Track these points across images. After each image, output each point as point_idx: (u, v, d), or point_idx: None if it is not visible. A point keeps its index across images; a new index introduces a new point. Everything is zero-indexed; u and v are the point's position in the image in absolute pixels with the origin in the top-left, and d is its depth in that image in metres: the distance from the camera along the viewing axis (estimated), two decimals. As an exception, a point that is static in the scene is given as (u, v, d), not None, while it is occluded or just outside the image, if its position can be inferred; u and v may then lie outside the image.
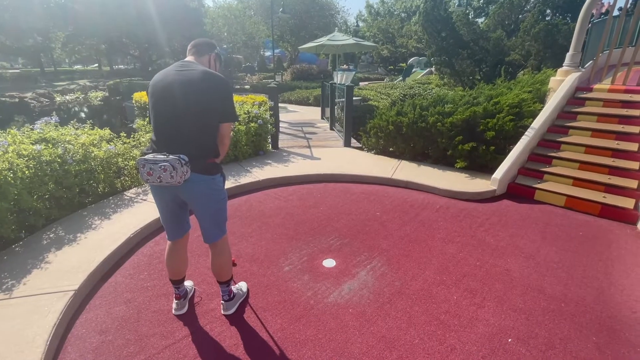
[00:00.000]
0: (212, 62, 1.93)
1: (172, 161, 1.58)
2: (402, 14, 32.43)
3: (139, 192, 3.87)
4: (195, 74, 1.69)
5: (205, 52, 1.89)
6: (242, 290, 2.34)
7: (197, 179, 1.71)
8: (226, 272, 2.06)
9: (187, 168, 1.64)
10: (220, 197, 1.89)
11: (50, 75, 27.73)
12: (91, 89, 22.22)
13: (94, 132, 4.05)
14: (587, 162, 3.91)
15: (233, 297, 2.19)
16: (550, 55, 11.24)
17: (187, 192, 1.77)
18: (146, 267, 2.66)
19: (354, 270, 2.64)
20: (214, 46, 1.95)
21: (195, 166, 1.69)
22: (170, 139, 1.71)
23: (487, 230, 3.27)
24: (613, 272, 2.62)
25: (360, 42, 11.04)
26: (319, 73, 20.27)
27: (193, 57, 1.85)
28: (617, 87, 4.45)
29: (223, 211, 1.94)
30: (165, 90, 1.69)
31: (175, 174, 1.58)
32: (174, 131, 1.70)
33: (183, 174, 1.61)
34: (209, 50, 1.90)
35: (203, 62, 1.87)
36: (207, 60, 1.89)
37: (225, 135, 1.82)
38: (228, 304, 2.17)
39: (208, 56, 1.90)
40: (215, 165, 1.80)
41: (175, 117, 1.68)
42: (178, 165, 1.58)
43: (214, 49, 1.94)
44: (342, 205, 3.82)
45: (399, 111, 5.30)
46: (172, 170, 1.57)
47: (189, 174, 1.66)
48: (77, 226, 3.09)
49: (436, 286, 2.46)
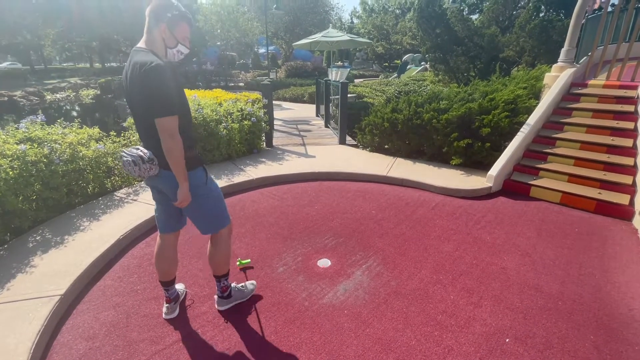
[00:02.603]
0: (166, 33, 1.54)
1: (135, 157, 1.56)
2: (396, 10, 32.36)
3: (129, 192, 3.79)
4: (132, 66, 1.49)
5: (154, 26, 1.53)
6: (245, 290, 2.24)
7: (166, 174, 1.64)
8: (220, 267, 2.02)
9: (151, 165, 1.58)
10: (198, 192, 1.74)
11: (40, 73, 27.22)
12: (82, 87, 21.86)
13: (83, 131, 3.95)
14: (583, 159, 3.90)
15: (228, 296, 2.14)
16: (544, 51, 11.26)
17: (162, 186, 1.72)
18: (136, 269, 2.59)
19: (349, 270, 2.60)
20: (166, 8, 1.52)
21: (162, 162, 1.61)
22: (140, 133, 1.69)
23: (483, 228, 3.25)
24: (609, 269, 2.61)
25: (355, 38, 10.97)
26: (313, 70, 20.13)
27: (144, 37, 1.57)
28: (612, 82, 4.45)
29: (208, 206, 1.82)
30: (124, 82, 1.61)
31: (137, 169, 1.57)
32: (139, 126, 1.67)
33: (147, 170, 1.58)
34: (157, 19, 1.52)
35: (155, 40, 1.55)
36: (160, 35, 1.55)
37: (163, 133, 1.50)
38: (220, 300, 2.14)
39: (157, 30, 1.54)
40: (187, 161, 1.63)
41: (135, 111, 1.63)
42: (140, 162, 1.56)
43: (166, 12, 1.52)
44: (337, 203, 3.77)
45: (394, 108, 5.25)
46: (134, 165, 1.56)
47: (156, 170, 1.61)
48: (65, 228, 3.00)
49: (432, 285, 2.42)
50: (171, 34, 1.57)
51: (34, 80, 22.76)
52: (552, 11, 13.59)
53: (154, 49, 1.57)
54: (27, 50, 26.32)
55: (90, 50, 27.08)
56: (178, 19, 1.56)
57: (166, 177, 1.64)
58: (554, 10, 13.58)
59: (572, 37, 4.74)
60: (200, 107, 4.81)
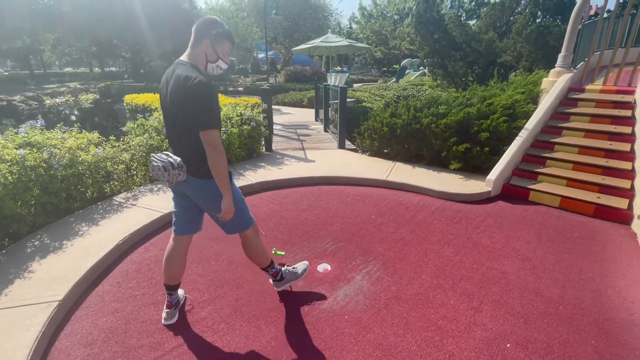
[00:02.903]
0: (209, 49, 1.65)
1: (165, 163, 1.65)
2: (394, 16, 32.60)
3: (128, 197, 3.78)
4: (175, 78, 1.57)
5: (198, 41, 1.63)
6: (298, 272, 2.35)
7: (193, 182, 1.73)
8: (260, 262, 2.16)
9: (180, 171, 1.67)
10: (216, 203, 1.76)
11: (39, 78, 27.27)
12: (82, 92, 21.89)
13: (82, 135, 3.95)
14: (581, 163, 3.91)
15: (281, 279, 2.28)
16: (541, 56, 11.36)
17: (189, 192, 1.81)
18: (135, 274, 2.58)
19: (350, 275, 2.59)
20: (211, 26, 1.64)
21: (190, 169, 1.70)
22: (171, 140, 1.77)
23: (483, 232, 3.25)
24: (609, 274, 2.61)
25: (354, 43, 11.04)
26: (312, 75, 20.24)
27: (188, 51, 1.67)
28: (609, 87, 4.48)
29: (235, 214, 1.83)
30: (162, 91, 1.71)
31: (167, 175, 1.65)
32: (172, 133, 1.74)
33: (175, 176, 1.66)
34: (202, 35, 1.63)
35: (197, 54, 1.65)
36: (202, 50, 1.65)
37: (208, 145, 1.57)
38: (275, 283, 2.30)
39: (201, 46, 1.64)
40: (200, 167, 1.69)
41: (170, 120, 1.71)
42: (169, 168, 1.64)
43: (211, 29, 1.63)
44: (336, 208, 3.77)
45: (393, 113, 5.28)
46: (164, 171, 1.64)
47: (184, 177, 1.70)
48: (64, 233, 2.99)
49: (433, 290, 2.42)
50: (214, 50, 1.68)
51: (33, 85, 22.79)
52: (549, 17, 13.73)
53: (196, 62, 1.66)
54: (27, 55, 26.40)
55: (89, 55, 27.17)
56: (222, 37, 1.68)
57: (193, 183, 1.73)
58: (550, 16, 13.73)
59: (569, 43, 4.78)
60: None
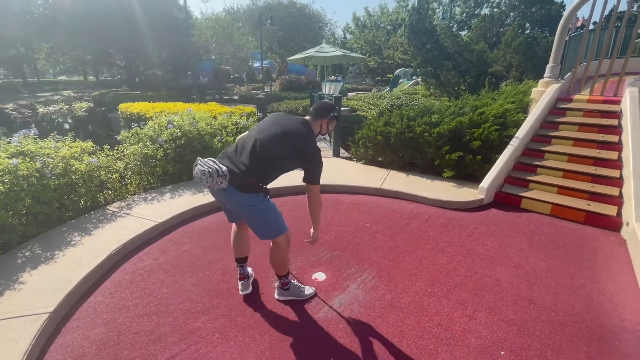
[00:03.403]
0: (324, 125, 2.15)
1: (212, 169, 1.81)
2: (388, 26, 33.20)
3: (122, 206, 3.75)
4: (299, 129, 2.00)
5: (319, 118, 2.11)
6: (303, 292, 2.41)
7: (232, 192, 1.91)
8: (278, 269, 2.25)
9: (223, 179, 1.82)
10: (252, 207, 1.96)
11: (33, 86, 27.07)
12: (76, 100, 21.76)
13: (76, 144, 3.93)
14: (571, 171, 3.99)
15: (287, 289, 2.35)
16: (530, 66, 11.62)
17: (225, 199, 1.99)
18: (128, 285, 2.55)
19: (345, 284, 2.59)
20: (330, 110, 2.13)
21: (236, 181, 1.88)
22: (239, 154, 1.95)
23: (476, 240, 3.28)
24: (600, 280, 2.64)
25: (348, 53, 11.21)
26: (307, 84, 20.41)
27: (310, 118, 2.11)
28: (596, 97, 4.61)
29: (263, 222, 2.04)
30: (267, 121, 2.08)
31: (210, 180, 1.80)
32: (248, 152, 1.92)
33: (217, 183, 1.83)
34: (324, 115, 2.11)
35: (315, 125, 2.12)
36: (319, 124, 2.12)
37: (314, 195, 2.07)
38: (279, 291, 2.38)
39: (321, 121, 2.12)
40: (253, 186, 1.93)
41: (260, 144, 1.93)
42: (215, 174, 1.81)
43: (329, 113, 2.12)
44: (331, 216, 3.78)
45: (387, 121, 5.34)
46: (209, 176, 1.80)
47: (225, 185, 1.85)
48: (55, 243, 2.95)
49: (427, 298, 2.43)
50: (327, 127, 2.16)
51: (27, 93, 22.62)
52: (537, 29, 14.12)
53: (313, 129, 2.10)
54: (21, 63, 26.26)
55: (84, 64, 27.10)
56: (334, 120, 2.17)
57: (232, 193, 1.91)
58: (538, 28, 14.12)
59: (556, 54, 4.92)
60: (195, 120, 4.84)
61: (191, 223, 3.59)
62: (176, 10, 19.84)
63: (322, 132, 2.16)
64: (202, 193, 4.15)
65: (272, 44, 27.17)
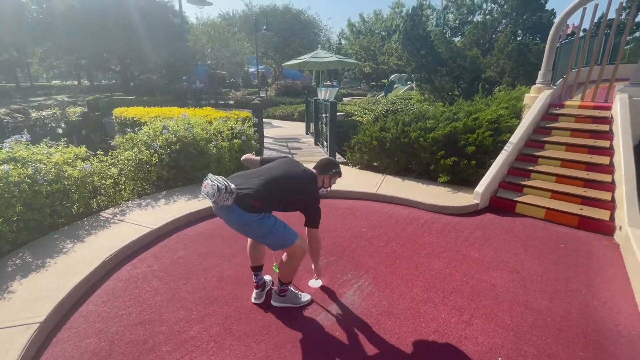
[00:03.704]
0: (327, 180, 2.30)
1: (222, 184, 1.86)
2: (382, 32, 33.55)
3: (115, 213, 3.71)
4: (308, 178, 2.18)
5: (323, 173, 2.27)
6: (299, 300, 2.40)
7: (235, 209, 1.93)
8: (285, 276, 2.28)
9: (230, 196, 1.88)
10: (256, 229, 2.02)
11: (26, 91, 26.81)
12: (69, 105, 21.58)
13: (69, 150, 3.89)
14: (564, 176, 4.04)
15: (284, 296, 2.35)
16: (523, 72, 11.80)
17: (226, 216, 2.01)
18: (122, 293, 2.51)
19: (341, 290, 2.58)
20: (332, 167, 2.30)
21: (241, 200, 1.92)
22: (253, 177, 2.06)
23: (472, 245, 3.29)
24: (595, 284, 2.66)
25: (343, 59, 11.29)
26: (303, 89, 20.48)
27: (316, 172, 2.26)
28: (587, 103, 4.68)
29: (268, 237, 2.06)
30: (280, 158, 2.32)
31: (218, 195, 1.84)
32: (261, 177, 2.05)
33: (224, 199, 1.87)
34: (327, 170, 2.29)
35: (319, 180, 2.26)
36: (322, 179, 2.27)
37: (314, 239, 2.23)
38: (275, 296, 2.37)
39: (324, 176, 2.27)
40: (256, 208, 1.96)
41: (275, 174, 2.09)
42: (223, 190, 1.86)
43: (332, 169, 2.29)
44: (327, 221, 3.76)
45: (382, 127, 5.37)
46: (217, 191, 1.84)
47: (230, 202, 1.90)
48: (47, 250, 2.90)
49: (424, 304, 2.42)
50: (329, 181, 2.30)
51: (19, 98, 22.39)
52: (528, 35, 14.37)
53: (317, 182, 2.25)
54: (14, 67, 26.02)
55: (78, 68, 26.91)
56: (337, 175, 2.33)
57: (234, 211, 1.94)
58: (529, 35, 14.37)
59: (547, 61, 5.00)
60: (190, 126, 4.82)
61: (186, 229, 3.55)
62: (172, 16, 19.84)
63: (325, 185, 2.30)
64: (197, 199, 4.12)
65: (268, 50, 27.28)
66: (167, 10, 19.90)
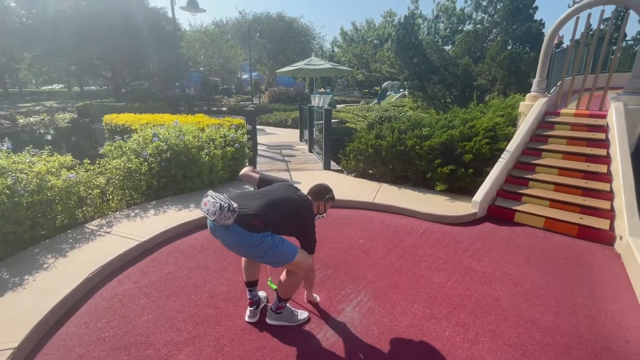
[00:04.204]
0: (322, 206, 2.28)
1: (224, 203, 1.80)
2: (375, 40, 33.94)
3: (102, 224, 3.54)
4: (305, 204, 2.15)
5: (318, 199, 2.25)
6: (296, 318, 2.28)
7: (235, 229, 1.86)
8: (284, 292, 2.18)
9: (231, 214, 1.82)
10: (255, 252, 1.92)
11: (14, 96, 26.30)
12: (58, 111, 21.18)
13: (53, 158, 3.72)
14: (562, 184, 4.00)
15: (280, 313, 2.23)
16: (514, 80, 11.95)
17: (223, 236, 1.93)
18: (105, 313, 2.34)
19: (339, 307, 2.45)
20: (326, 193, 2.27)
21: (243, 219, 1.86)
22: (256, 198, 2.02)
23: (472, 256, 3.20)
24: (600, 298, 2.59)
25: (337, 66, 11.29)
26: (296, 96, 20.49)
27: (311, 199, 2.23)
28: (582, 111, 4.69)
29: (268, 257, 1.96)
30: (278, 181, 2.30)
31: (219, 212, 1.78)
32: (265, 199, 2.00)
33: (225, 218, 1.81)
34: (321, 197, 2.26)
35: (315, 205, 2.23)
36: (318, 205, 2.25)
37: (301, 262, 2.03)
38: (271, 314, 2.25)
39: (318, 203, 2.25)
40: (256, 227, 1.89)
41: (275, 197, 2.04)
42: (225, 208, 1.79)
43: (325, 195, 2.27)
44: (324, 232, 3.65)
45: (378, 134, 5.31)
46: (219, 209, 1.78)
47: (231, 221, 1.84)
48: (26, 266, 2.72)
49: (427, 321, 2.31)
50: (324, 207, 2.27)
51: (7, 104, 21.91)
52: (518, 44, 14.62)
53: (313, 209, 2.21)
54: (2, 73, 25.52)
55: (68, 74, 26.52)
56: (330, 200, 2.31)
57: (235, 231, 1.87)
58: (519, 44, 14.63)
59: (542, 70, 5.02)
60: (182, 133, 4.68)
61: (176, 241, 3.40)
62: (164, 22, 19.74)
63: (320, 211, 2.28)
64: (187, 209, 3.97)
65: (261, 56, 27.31)
66: (159, 17, 19.80)
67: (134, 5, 18.20)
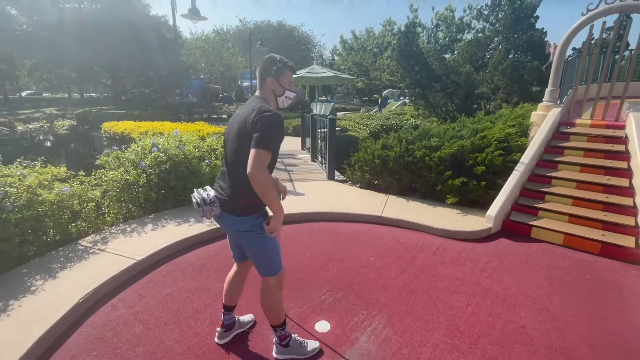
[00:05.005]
0: (275, 85, 1.74)
1: (199, 199, 1.70)
2: (374, 49, 34.09)
3: (96, 241, 3.33)
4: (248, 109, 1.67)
5: (263, 81, 1.74)
6: (305, 350, 2.05)
7: (226, 217, 1.76)
8: (270, 316, 1.94)
9: (212, 207, 1.70)
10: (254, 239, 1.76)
11: (14, 103, 26.23)
12: (58, 118, 21.05)
13: (46, 170, 3.53)
14: (581, 198, 3.82)
15: (286, 345, 2.01)
16: (517, 89, 11.88)
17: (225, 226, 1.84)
18: (96, 343, 2.13)
19: (353, 336, 2.24)
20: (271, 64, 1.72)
21: (224, 204, 1.73)
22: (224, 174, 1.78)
23: (491, 276, 3.00)
24: (635, 326, 2.38)
25: (339, 74, 11.23)
26: (297, 103, 20.41)
27: (257, 92, 1.78)
28: (598, 122, 4.53)
29: (261, 253, 1.81)
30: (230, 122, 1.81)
31: (201, 211, 1.70)
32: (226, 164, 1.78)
33: (209, 212, 1.70)
34: (265, 74, 1.73)
35: (267, 93, 1.75)
36: (269, 88, 1.75)
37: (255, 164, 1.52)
38: (277, 347, 2.03)
39: (267, 83, 1.74)
40: (245, 208, 1.70)
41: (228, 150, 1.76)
42: (202, 204, 1.69)
43: (272, 67, 1.72)
44: (331, 249, 3.45)
45: (385, 145, 5.14)
46: (198, 207, 1.70)
47: (217, 211, 1.73)
48: (11, 289, 2.51)
49: (449, 353, 2.10)
50: (278, 83, 1.74)
51: (6, 111, 21.80)
52: (519, 53, 14.61)
53: (267, 99, 1.75)
54: (2, 80, 25.48)
55: (69, 81, 26.50)
56: (282, 69, 1.74)
57: (225, 219, 1.76)
58: (521, 53, 14.61)
59: (555, 78, 4.88)
60: (182, 143, 4.51)
61: (175, 259, 3.19)
62: (165, 30, 19.77)
63: (278, 93, 1.75)
64: (187, 223, 3.77)
65: (262, 64, 27.34)
66: (160, 25, 19.85)
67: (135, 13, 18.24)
